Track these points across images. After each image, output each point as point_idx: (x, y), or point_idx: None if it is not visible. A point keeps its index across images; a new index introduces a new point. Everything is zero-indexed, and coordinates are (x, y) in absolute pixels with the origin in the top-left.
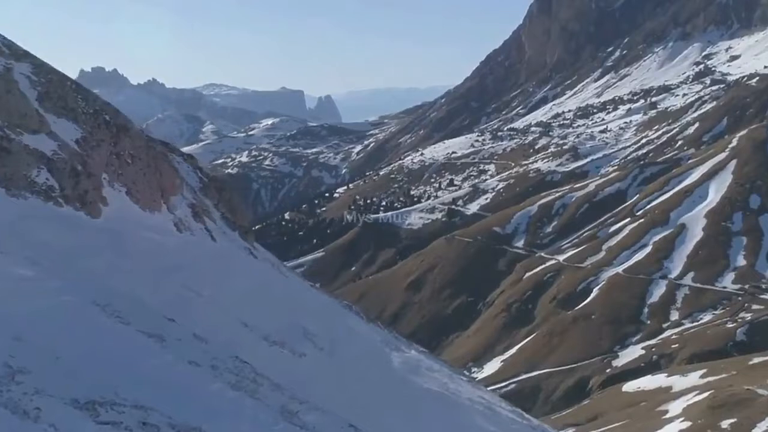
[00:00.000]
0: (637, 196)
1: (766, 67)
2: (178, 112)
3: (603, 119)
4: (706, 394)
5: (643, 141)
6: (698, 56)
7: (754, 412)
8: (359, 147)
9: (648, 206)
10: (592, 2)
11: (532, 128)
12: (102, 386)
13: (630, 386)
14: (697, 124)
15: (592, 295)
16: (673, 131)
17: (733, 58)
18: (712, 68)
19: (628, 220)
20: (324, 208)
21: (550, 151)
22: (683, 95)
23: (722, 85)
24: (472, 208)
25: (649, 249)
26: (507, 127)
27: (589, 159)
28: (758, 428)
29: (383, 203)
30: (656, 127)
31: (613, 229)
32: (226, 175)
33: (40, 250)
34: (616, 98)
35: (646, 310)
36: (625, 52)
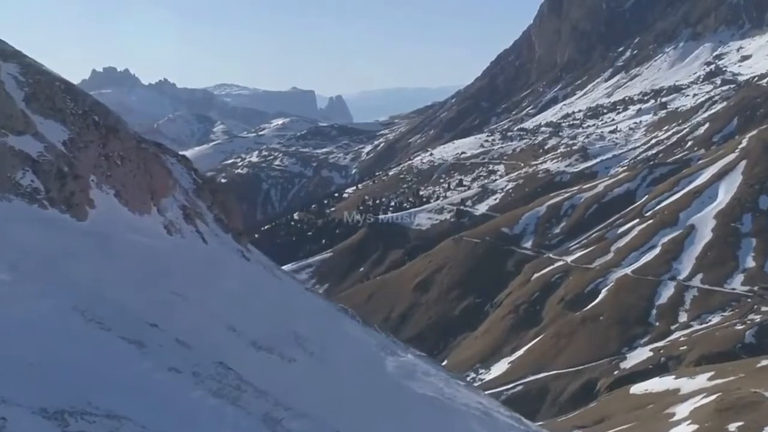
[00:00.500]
0: (646, 196)
1: None
2: (189, 112)
3: (613, 119)
4: (714, 397)
5: (653, 141)
6: (709, 56)
7: (761, 416)
8: (369, 147)
9: (657, 207)
10: (603, 2)
11: (542, 128)
12: (74, 395)
13: (638, 388)
14: (707, 125)
15: (600, 297)
16: (683, 132)
17: (744, 58)
18: (723, 68)
19: (637, 221)
20: (333, 209)
21: (560, 151)
22: (693, 95)
23: (733, 86)
24: (481, 209)
25: (657, 250)
26: (517, 128)
27: (599, 159)
28: None
29: (392, 204)
30: (666, 128)
31: (622, 230)
32: (225, 178)
33: (21, 254)
34: (627, 98)
35: (655, 311)
36: (635, 52)
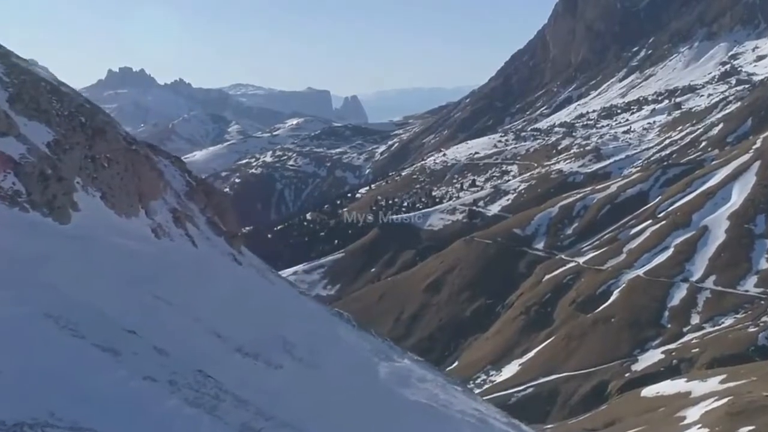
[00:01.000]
0: (660, 197)
1: None
2: (204, 112)
3: (627, 120)
4: (725, 400)
5: (667, 142)
6: (724, 56)
7: None
8: (383, 147)
9: (670, 208)
10: (618, 2)
11: (556, 129)
12: (37, 406)
13: (649, 391)
14: (721, 125)
15: (612, 298)
16: (697, 132)
17: (760, 58)
18: (738, 68)
19: (650, 222)
20: (346, 209)
21: (573, 151)
22: (708, 95)
23: (747, 86)
24: (493, 209)
25: (670, 251)
26: (530, 128)
27: (612, 160)
28: None
29: (405, 204)
30: (680, 128)
31: (635, 231)
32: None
33: None
34: (641, 98)
35: (667, 313)
36: (650, 52)
